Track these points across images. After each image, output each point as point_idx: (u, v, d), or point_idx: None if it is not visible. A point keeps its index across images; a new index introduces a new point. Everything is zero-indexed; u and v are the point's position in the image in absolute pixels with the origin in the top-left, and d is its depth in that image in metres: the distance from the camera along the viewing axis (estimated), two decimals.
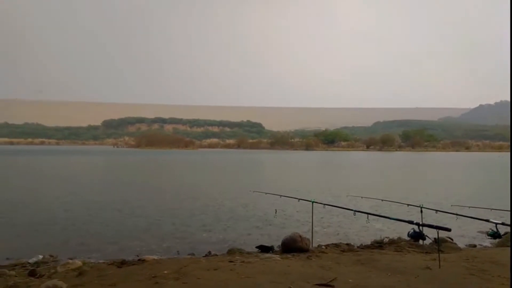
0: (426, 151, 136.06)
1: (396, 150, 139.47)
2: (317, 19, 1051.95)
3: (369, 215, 7.07)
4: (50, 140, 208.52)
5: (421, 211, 7.79)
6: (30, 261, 7.74)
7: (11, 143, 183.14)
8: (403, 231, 9.50)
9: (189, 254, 8.28)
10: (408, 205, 9.08)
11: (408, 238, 8.15)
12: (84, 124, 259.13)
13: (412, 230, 7.20)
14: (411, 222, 6.25)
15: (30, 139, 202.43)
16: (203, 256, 7.78)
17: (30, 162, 49.75)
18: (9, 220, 11.92)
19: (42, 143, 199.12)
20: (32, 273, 6.49)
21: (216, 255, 7.90)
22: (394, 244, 8.32)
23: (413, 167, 46.83)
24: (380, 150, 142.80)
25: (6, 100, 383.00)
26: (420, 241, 7.93)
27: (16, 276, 6.36)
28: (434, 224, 5.95)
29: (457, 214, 7.99)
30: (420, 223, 6.20)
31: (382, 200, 11.13)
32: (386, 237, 9.06)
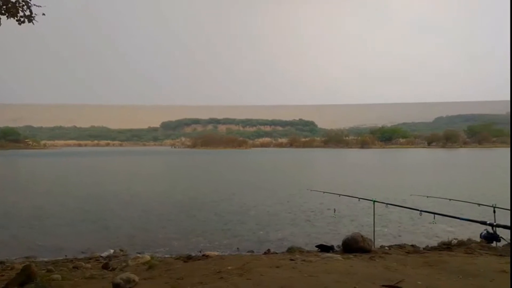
0: (495, 147, 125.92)
1: (461, 147, 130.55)
2: (370, 13, 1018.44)
3: (435, 215, 6.68)
4: (114, 142, 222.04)
5: (494, 211, 7.26)
6: (103, 255, 8.41)
7: (79, 145, 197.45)
8: (473, 232, 8.95)
9: (248, 251, 8.49)
10: (479, 204, 8.45)
11: (479, 240, 7.66)
12: (145, 126, 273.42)
13: (485, 231, 6.74)
14: (483, 223, 5.80)
15: (96, 141, 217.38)
16: (263, 254, 7.89)
17: (98, 163, 53.43)
18: (81, 216, 12.95)
19: (107, 144, 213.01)
20: (106, 266, 7.03)
21: (276, 253, 7.98)
22: (464, 246, 7.85)
23: (481, 165, 43.64)
24: (443, 147, 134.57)
25: (75, 106, 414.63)
26: (494, 243, 7.41)
27: (91, 269, 6.91)
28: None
29: None
30: (494, 223, 5.77)
31: (449, 199, 10.45)
32: (454, 239, 8.57)
